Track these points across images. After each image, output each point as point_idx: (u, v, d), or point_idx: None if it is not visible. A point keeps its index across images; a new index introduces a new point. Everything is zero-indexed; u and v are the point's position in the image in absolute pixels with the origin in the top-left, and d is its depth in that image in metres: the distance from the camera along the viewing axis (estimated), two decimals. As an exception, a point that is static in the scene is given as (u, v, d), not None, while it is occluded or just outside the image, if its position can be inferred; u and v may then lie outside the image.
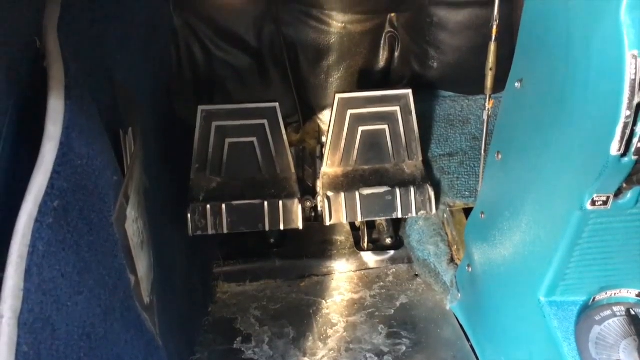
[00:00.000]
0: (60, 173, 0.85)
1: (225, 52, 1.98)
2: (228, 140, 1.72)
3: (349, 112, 1.75)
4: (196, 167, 1.74)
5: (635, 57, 0.90)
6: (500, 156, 1.35)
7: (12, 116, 0.93)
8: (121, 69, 1.37)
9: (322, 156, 1.86)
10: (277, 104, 1.72)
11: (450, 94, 2.05)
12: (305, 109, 2.10)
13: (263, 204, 1.69)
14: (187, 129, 1.78)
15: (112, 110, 1.27)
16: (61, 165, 0.86)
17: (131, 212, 1.12)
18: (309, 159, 2.03)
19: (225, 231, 1.68)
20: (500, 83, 1.47)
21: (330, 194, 1.72)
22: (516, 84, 1.23)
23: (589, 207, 1.05)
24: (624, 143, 0.94)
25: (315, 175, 1.91)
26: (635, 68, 0.90)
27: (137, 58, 1.51)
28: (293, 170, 1.78)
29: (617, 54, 0.91)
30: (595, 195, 1.04)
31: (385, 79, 2.10)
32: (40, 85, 1.00)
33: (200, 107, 1.69)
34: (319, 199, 1.77)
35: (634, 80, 0.90)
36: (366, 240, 1.98)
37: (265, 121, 1.72)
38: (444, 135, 1.95)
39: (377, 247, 1.98)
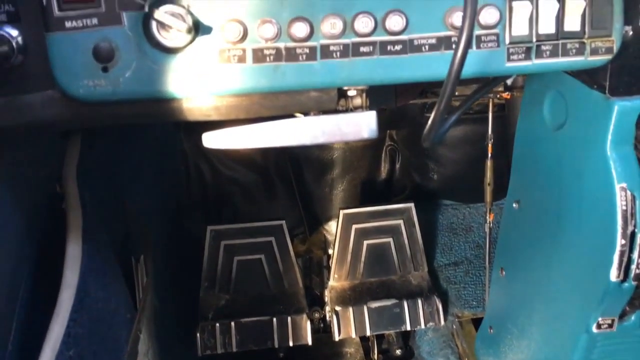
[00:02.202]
0: (76, 320, 0.88)
1: (232, 170, 2.05)
2: (236, 258, 1.76)
3: (354, 226, 1.79)
4: (205, 285, 1.76)
5: (624, 189, 0.94)
6: (504, 273, 1.37)
7: (32, 262, 0.97)
8: (134, 197, 1.43)
9: (328, 266, 1.88)
10: (283, 222, 1.77)
11: (452, 202, 2.10)
12: (310, 221, 2.14)
13: (272, 320, 1.70)
14: (195, 245, 1.81)
15: (125, 239, 1.31)
16: (77, 312, 0.88)
17: (142, 347, 1.13)
18: (315, 269, 2.06)
19: (235, 349, 1.68)
20: (499, 191, 1.53)
21: (338, 308, 1.73)
22: (514, 205, 1.28)
23: (594, 330, 1.06)
24: (622, 270, 0.97)
25: (322, 285, 1.92)
26: (626, 199, 0.94)
27: (149, 185, 1.58)
28: (301, 284, 1.81)
29: (607, 186, 0.96)
30: (600, 319, 1.05)
31: (387, 190, 2.16)
32: (58, 224, 1.05)
33: (209, 227, 1.74)
34: (327, 308, 1.78)
35: (626, 210, 0.95)
36: (376, 351, 1.95)
37: (272, 238, 1.76)
38: (448, 244, 1.98)
39: (387, 358, 1.96)
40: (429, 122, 0.82)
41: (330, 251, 1.95)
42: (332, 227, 2.12)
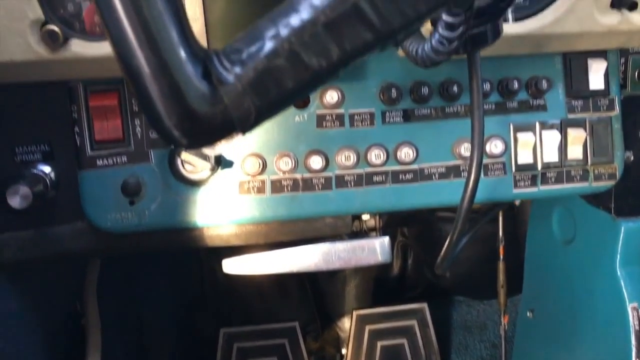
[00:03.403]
0: None
1: (245, 268, 2.07)
2: (249, 362, 1.75)
3: (367, 327, 1.78)
4: (218, 388, 1.74)
5: (636, 309, 0.95)
6: (521, 381, 1.35)
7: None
8: (149, 306, 1.45)
9: (342, 365, 1.86)
10: (296, 324, 1.77)
11: (465, 298, 2.09)
12: (323, 318, 2.13)
13: None
14: (208, 347, 1.80)
15: (140, 348, 1.32)
16: None
17: None
18: (329, 367, 2.03)
19: None
20: (512, 288, 1.53)
21: (352, 414, 1.69)
22: (528, 314, 1.28)
23: None
24: (640, 389, 0.97)
25: (336, 385, 1.89)
26: (638, 320, 0.95)
27: (163, 291, 1.60)
28: (314, 388, 1.78)
29: (618, 305, 0.97)
30: None
31: (400, 286, 2.15)
32: (78, 338, 1.06)
33: (222, 330, 1.74)
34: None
35: (639, 330, 0.95)
36: None
37: (285, 340, 1.76)
38: (462, 343, 1.96)
39: None
40: (442, 252, 0.85)
41: (343, 350, 1.93)
42: (345, 324, 2.10)
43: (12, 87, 0.79)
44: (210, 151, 0.80)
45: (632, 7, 0.82)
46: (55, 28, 0.73)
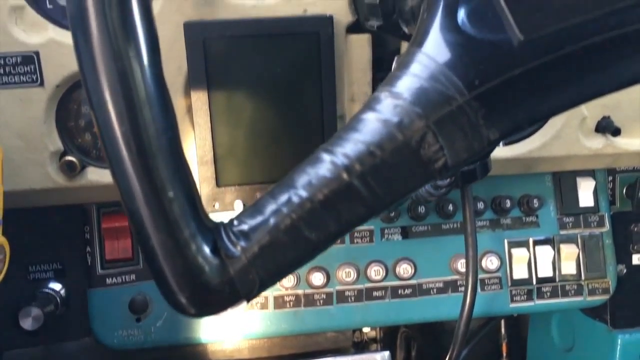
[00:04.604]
0: None
1: None
2: None
3: None
4: None
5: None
6: None
7: None
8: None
9: None
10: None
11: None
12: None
13: None
14: None
15: None
16: None
17: None
18: None
19: None
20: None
21: None
22: (532, 419, 1.27)
23: None
24: None
25: None
26: None
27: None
28: None
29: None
30: None
31: (404, 377, 2.13)
32: None
33: None
34: None
35: None
36: None
37: None
38: None
39: None
40: (442, 369, 0.86)
41: None
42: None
43: (29, 209, 0.83)
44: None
45: (615, 133, 0.86)
46: (74, 159, 0.78)
